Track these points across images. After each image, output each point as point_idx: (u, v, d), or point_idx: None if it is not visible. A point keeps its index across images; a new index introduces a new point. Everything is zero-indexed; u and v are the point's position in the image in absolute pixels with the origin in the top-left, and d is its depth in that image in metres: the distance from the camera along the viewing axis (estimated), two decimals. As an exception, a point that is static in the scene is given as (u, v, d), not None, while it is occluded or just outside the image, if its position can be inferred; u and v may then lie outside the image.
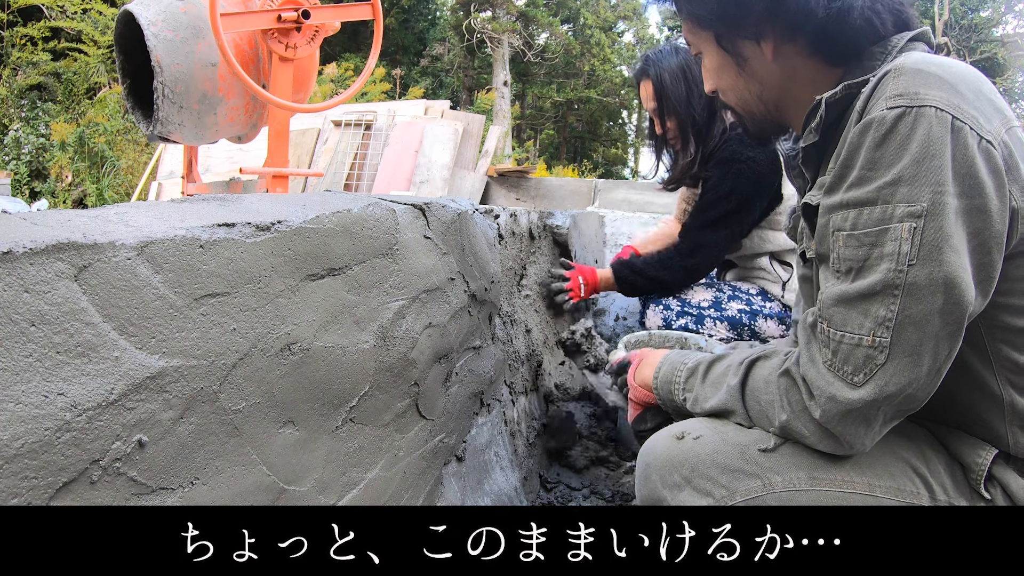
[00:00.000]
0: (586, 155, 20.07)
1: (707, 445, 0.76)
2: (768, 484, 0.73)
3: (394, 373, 0.86)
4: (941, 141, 0.58)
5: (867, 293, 0.62)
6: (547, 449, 1.44)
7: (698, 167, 1.81)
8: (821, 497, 0.72)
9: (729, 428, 0.79)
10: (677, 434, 0.80)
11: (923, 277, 0.59)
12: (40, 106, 8.71)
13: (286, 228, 0.67)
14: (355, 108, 5.70)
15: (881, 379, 0.62)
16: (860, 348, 0.63)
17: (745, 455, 0.74)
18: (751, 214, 1.78)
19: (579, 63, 18.32)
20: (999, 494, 0.71)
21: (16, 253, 0.44)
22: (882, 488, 0.72)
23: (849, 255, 0.64)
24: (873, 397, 0.63)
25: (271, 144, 2.40)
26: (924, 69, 0.61)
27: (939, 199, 0.58)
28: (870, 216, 0.62)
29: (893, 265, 0.60)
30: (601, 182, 4.71)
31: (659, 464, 0.79)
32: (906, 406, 0.65)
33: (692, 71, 1.74)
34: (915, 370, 0.61)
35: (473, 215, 1.15)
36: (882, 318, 0.61)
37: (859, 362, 0.63)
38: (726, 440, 0.77)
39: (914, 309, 0.60)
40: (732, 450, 0.75)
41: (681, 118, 1.76)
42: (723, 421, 0.81)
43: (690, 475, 0.76)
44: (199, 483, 0.58)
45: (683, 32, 0.85)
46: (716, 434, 0.78)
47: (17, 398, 0.43)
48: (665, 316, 1.83)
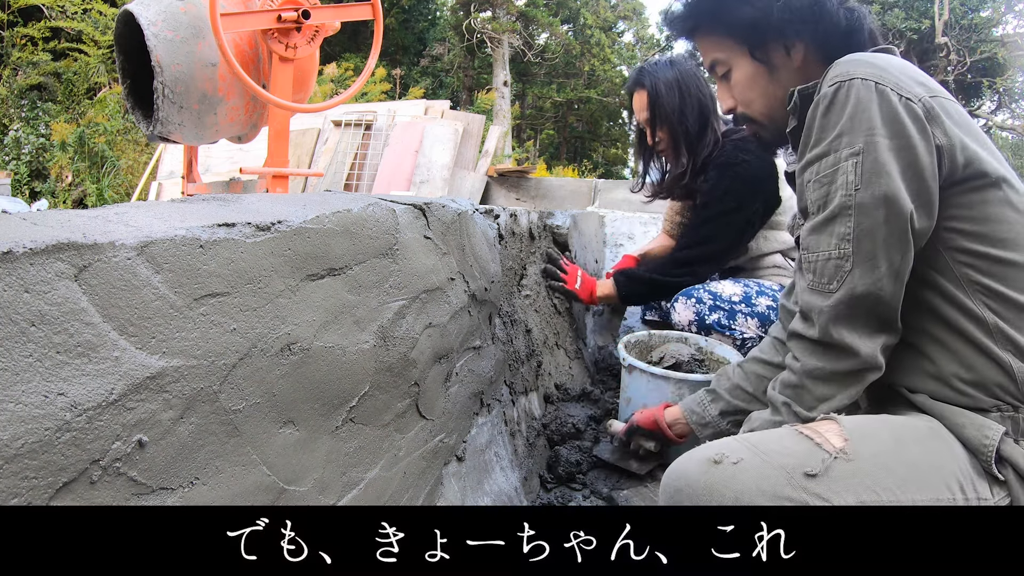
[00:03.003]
0: (586, 155, 20.07)
1: (750, 471, 0.73)
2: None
3: (394, 373, 0.86)
4: (868, 99, 0.75)
5: (829, 218, 0.78)
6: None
7: (689, 178, 1.83)
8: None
9: (769, 447, 0.76)
10: (714, 457, 0.75)
11: (867, 197, 0.75)
12: (40, 106, 8.71)
13: (286, 228, 0.67)
14: (355, 108, 5.70)
15: (850, 283, 0.77)
16: (831, 261, 0.79)
17: (792, 481, 0.72)
18: (748, 215, 1.80)
19: (579, 63, 18.32)
20: (1011, 474, 0.74)
21: (16, 253, 0.44)
22: (924, 502, 0.73)
23: (816, 197, 0.80)
24: (847, 296, 0.77)
25: (271, 144, 2.40)
26: (855, 59, 0.79)
27: (871, 139, 0.74)
28: (826, 163, 0.79)
29: (844, 191, 0.76)
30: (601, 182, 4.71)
31: (696, 492, 0.74)
32: (879, 309, 0.77)
33: (685, 83, 1.78)
34: (875, 272, 0.76)
35: (473, 215, 1.15)
36: (843, 234, 0.77)
37: (832, 272, 0.78)
38: (769, 463, 0.73)
39: (865, 223, 0.75)
40: (778, 475, 0.72)
41: (674, 128, 1.79)
42: (760, 439, 0.78)
43: (734, 505, 0.72)
44: (199, 483, 0.58)
45: (711, 55, 0.97)
46: (758, 457, 0.74)
47: (17, 398, 0.43)
48: (698, 310, 1.83)
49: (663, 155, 1.91)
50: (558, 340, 1.83)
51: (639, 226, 2.87)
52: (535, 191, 5.15)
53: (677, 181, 1.87)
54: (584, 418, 1.57)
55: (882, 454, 0.74)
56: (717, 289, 1.83)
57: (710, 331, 1.82)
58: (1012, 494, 0.75)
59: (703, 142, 1.80)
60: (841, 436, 0.75)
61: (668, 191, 1.95)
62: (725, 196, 1.76)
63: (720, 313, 1.80)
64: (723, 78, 0.97)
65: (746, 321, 1.78)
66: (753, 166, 1.75)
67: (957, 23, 13.61)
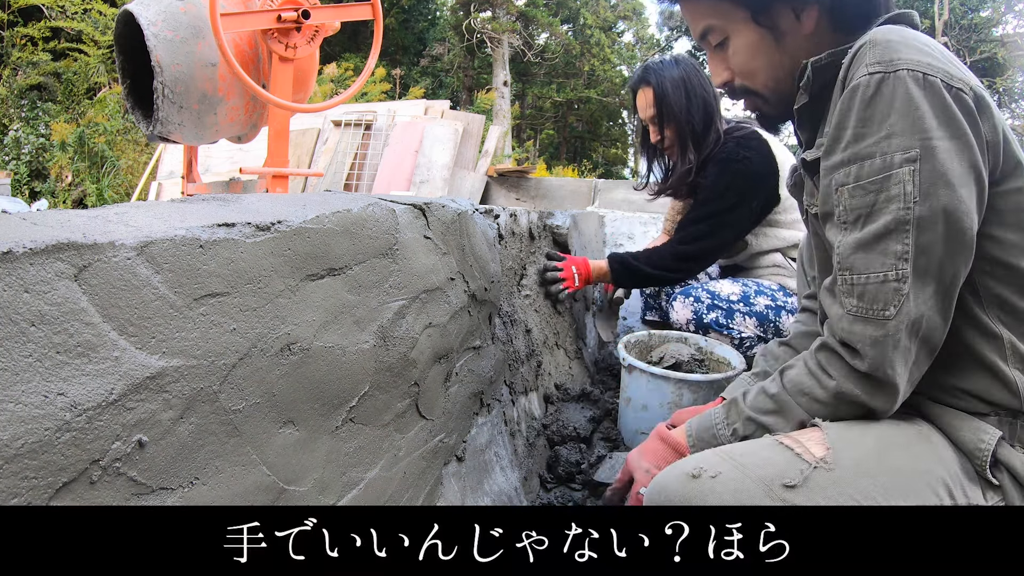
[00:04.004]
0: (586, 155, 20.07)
1: (728, 483, 0.72)
2: None
3: (394, 373, 0.86)
4: (919, 95, 0.67)
5: (882, 233, 0.69)
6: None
7: (694, 174, 1.84)
8: None
9: (748, 460, 0.74)
10: (692, 471, 0.74)
11: (927, 211, 0.66)
12: (40, 106, 8.71)
13: (286, 228, 0.67)
14: (355, 108, 5.70)
15: (907, 306, 0.68)
16: (887, 284, 0.69)
17: (771, 492, 0.70)
18: (747, 211, 1.80)
19: (579, 63, 18.32)
20: (1006, 478, 0.72)
21: (16, 253, 0.44)
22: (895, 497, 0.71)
23: (856, 204, 0.71)
24: (907, 324, 0.68)
25: (271, 144, 2.40)
26: (893, 39, 0.70)
27: (928, 143, 0.66)
28: (871, 167, 0.69)
29: (901, 204, 0.67)
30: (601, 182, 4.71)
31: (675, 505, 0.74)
32: (935, 337, 0.70)
33: (691, 82, 1.79)
34: (935, 295, 0.69)
35: (473, 215, 1.15)
36: (900, 253, 0.68)
37: (888, 296, 0.69)
38: (748, 475, 0.72)
39: (924, 240, 0.67)
40: (756, 487, 0.71)
41: (680, 125, 1.79)
42: (741, 451, 0.76)
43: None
44: (199, 483, 0.58)
45: (703, 21, 0.87)
46: (736, 470, 0.73)
47: (17, 398, 0.43)
48: (696, 309, 1.83)
49: (668, 153, 1.91)
50: (558, 340, 1.83)
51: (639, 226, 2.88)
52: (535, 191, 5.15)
53: (684, 179, 1.86)
54: (584, 419, 1.57)
55: (864, 461, 0.72)
56: (715, 288, 1.84)
57: (708, 330, 1.82)
58: (1006, 498, 0.73)
59: (707, 139, 1.81)
60: (823, 445, 0.73)
61: (674, 189, 1.95)
62: (726, 193, 1.77)
63: (718, 312, 1.80)
64: (717, 47, 0.88)
65: (744, 320, 1.79)
66: (754, 163, 1.75)
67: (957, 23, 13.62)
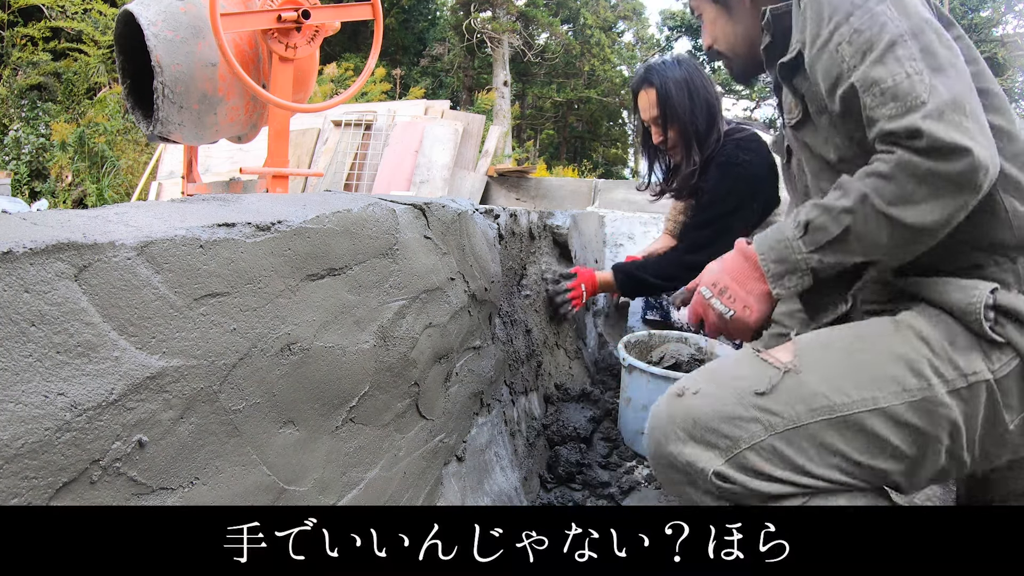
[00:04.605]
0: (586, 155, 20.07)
1: (706, 397, 0.79)
2: (769, 425, 0.75)
3: (394, 373, 0.86)
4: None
5: (888, 47, 0.74)
6: None
7: (697, 176, 1.84)
8: (827, 427, 0.73)
9: (725, 375, 0.80)
10: (677, 391, 0.82)
11: (914, 23, 0.74)
12: (40, 106, 8.70)
13: (286, 228, 0.67)
14: (355, 108, 5.70)
15: (937, 91, 0.70)
16: (911, 79, 0.72)
17: (743, 401, 0.76)
18: (748, 214, 1.81)
19: (579, 63, 18.32)
20: (1012, 329, 0.73)
21: (16, 253, 0.44)
22: (885, 396, 0.73)
23: (859, 42, 0.76)
24: (941, 100, 0.70)
25: (271, 144, 2.40)
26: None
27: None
28: (859, 16, 0.76)
29: (891, 26, 0.74)
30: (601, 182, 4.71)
31: (662, 423, 0.81)
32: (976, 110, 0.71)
33: (694, 82, 1.78)
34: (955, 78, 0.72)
35: (473, 215, 1.15)
36: (909, 55, 0.73)
37: (917, 87, 0.71)
38: (723, 387, 0.79)
39: (922, 42, 0.73)
40: (730, 397, 0.77)
41: (684, 126, 1.79)
42: (720, 368, 0.83)
43: (692, 429, 0.78)
44: (199, 483, 0.58)
45: (692, 3, 1.08)
46: (714, 385, 0.80)
47: (17, 398, 0.43)
48: None
49: (671, 154, 1.90)
50: (558, 340, 1.82)
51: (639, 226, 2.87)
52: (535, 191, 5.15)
53: (688, 180, 1.86)
54: (584, 419, 1.57)
55: (833, 361, 0.76)
56: None
57: None
58: (1018, 350, 0.72)
59: (710, 140, 1.81)
60: (790, 352, 0.78)
61: (678, 190, 1.95)
62: (727, 197, 1.76)
63: None
64: (699, 19, 1.09)
65: None
66: (754, 165, 1.76)
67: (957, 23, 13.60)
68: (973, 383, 0.73)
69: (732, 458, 0.75)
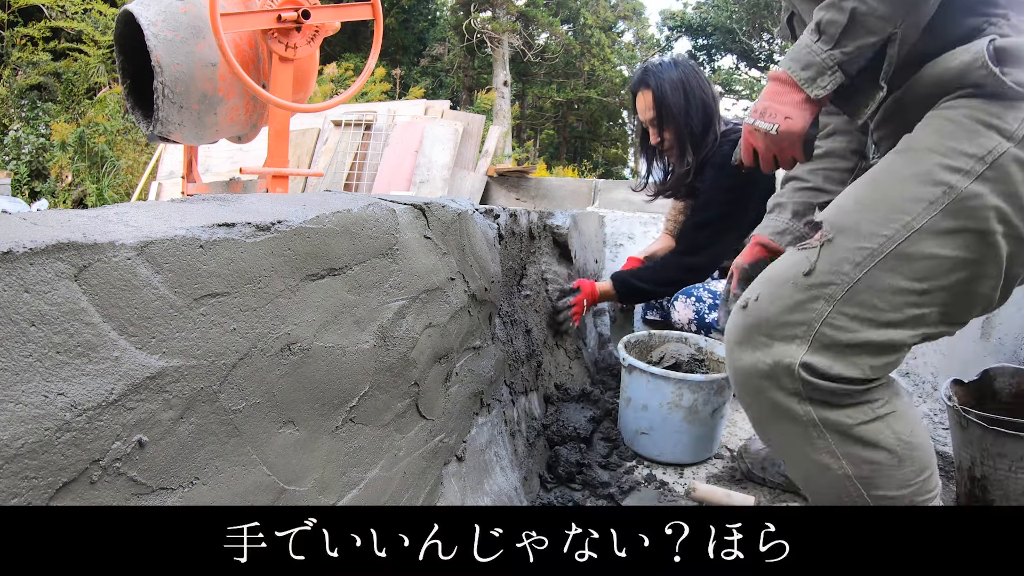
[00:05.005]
0: (586, 155, 20.06)
1: (767, 298, 0.83)
2: (830, 297, 0.78)
3: (394, 373, 0.86)
4: None
5: None
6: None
7: (693, 176, 1.84)
8: (879, 272, 0.76)
9: (775, 275, 0.84)
10: (741, 304, 0.86)
11: None
12: (40, 106, 8.70)
13: (286, 228, 0.67)
14: (355, 108, 5.70)
15: None
16: None
17: (797, 287, 0.80)
18: (746, 214, 1.81)
19: (579, 63, 18.31)
20: (1019, 71, 0.74)
21: (16, 253, 0.44)
22: (915, 216, 0.75)
23: None
24: None
25: (271, 144, 2.40)
26: None
27: None
28: None
29: None
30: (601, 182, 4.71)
31: (739, 335, 0.85)
32: None
33: (690, 84, 1.78)
34: None
35: (473, 215, 1.15)
36: None
37: None
38: (777, 285, 0.83)
39: None
40: (786, 290, 0.81)
41: (679, 128, 1.79)
42: (769, 272, 0.86)
43: (767, 329, 0.82)
44: (199, 483, 0.58)
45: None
46: (769, 286, 0.84)
47: (17, 398, 0.43)
48: (697, 309, 1.83)
49: (667, 155, 1.91)
50: (558, 340, 1.82)
51: (639, 226, 2.87)
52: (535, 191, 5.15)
53: (682, 180, 1.87)
54: (584, 419, 1.57)
55: (856, 215, 0.79)
56: (717, 288, 1.84)
57: (710, 330, 1.82)
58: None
59: (706, 141, 1.81)
60: (820, 232, 0.82)
61: (673, 191, 1.96)
62: (724, 197, 1.77)
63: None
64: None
65: None
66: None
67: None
68: (993, 160, 0.73)
69: (812, 341, 0.78)
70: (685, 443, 1.51)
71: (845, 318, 0.77)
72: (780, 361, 0.79)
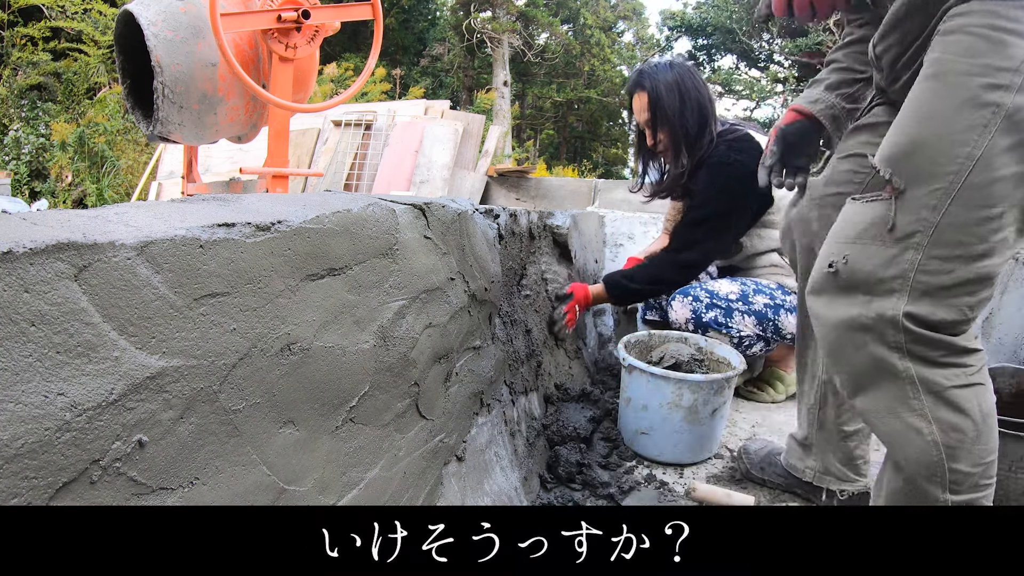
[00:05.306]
0: (586, 155, 20.06)
1: (857, 258, 0.85)
2: (918, 245, 0.80)
3: (394, 373, 0.86)
4: None
5: None
6: None
7: (687, 177, 1.84)
8: (957, 209, 0.78)
9: (855, 234, 0.86)
10: (830, 271, 0.88)
11: None
12: (40, 106, 8.70)
13: (286, 228, 0.67)
14: (355, 108, 5.70)
15: None
16: None
17: (885, 242, 0.83)
18: (741, 214, 1.81)
19: (579, 63, 18.32)
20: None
21: (16, 253, 0.44)
22: (975, 145, 0.77)
23: None
24: None
25: (271, 144, 2.40)
26: None
27: None
28: None
29: None
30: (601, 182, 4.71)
31: (834, 295, 0.87)
32: None
33: (685, 85, 1.78)
34: None
35: (473, 215, 1.15)
36: None
37: None
38: (863, 243, 0.84)
39: None
40: (874, 248, 0.83)
41: (674, 129, 1.80)
42: (843, 233, 0.88)
43: (866, 286, 0.84)
44: (199, 483, 0.58)
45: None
46: (854, 247, 0.86)
47: (17, 398, 0.43)
48: (695, 308, 1.83)
49: (663, 156, 1.92)
50: (557, 341, 1.82)
51: (639, 226, 2.87)
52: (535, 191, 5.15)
53: (676, 181, 1.88)
54: (584, 419, 1.57)
55: (916, 159, 0.80)
56: (714, 288, 1.84)
57: (707, 329, 1.82)
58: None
59: (701, 142, 1.82)
60: (889, 185, 0.83)
61: (668, 191, 1.96)
62: (719, 196, 1.77)
63: (717, 311, 1.80)
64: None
65: (743, 319, 1.79)
66: (746, 165, 1.76)
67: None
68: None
69: (910, 291, 0.80)
70: (685, 443, 1.51)
71: (937, 261, 0.79)
72: (883, 314, 0.82)
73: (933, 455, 0.83)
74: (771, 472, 1.38)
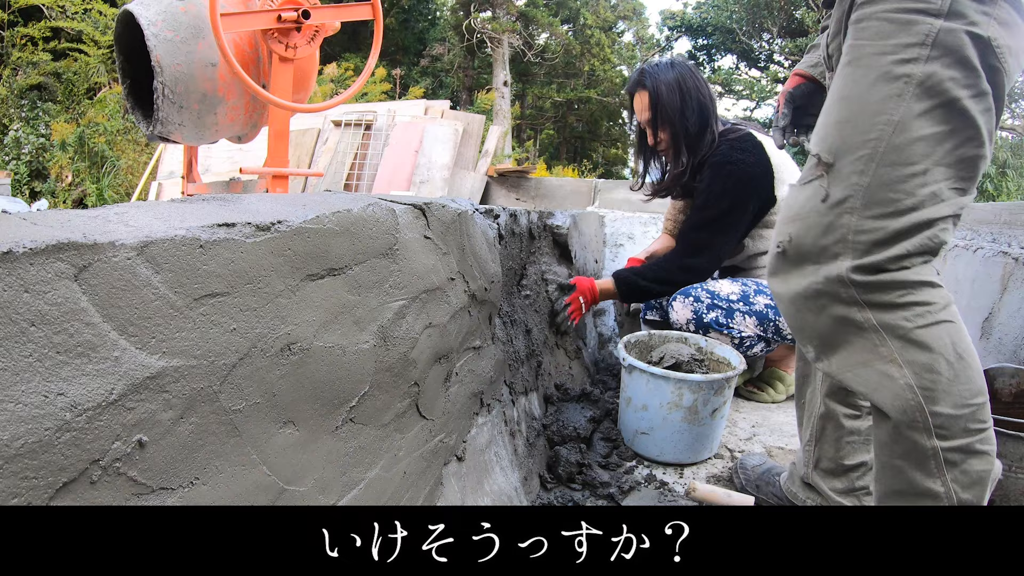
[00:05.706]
0: (586, 155, 20.06)
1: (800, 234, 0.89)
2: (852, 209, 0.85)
3: (394, 373, 0.86)
4: None
5: None
6: None
7: (688, 176, 1.84)
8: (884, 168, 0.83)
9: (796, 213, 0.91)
10: (779, 250, 0.92)
11: None
12: (40, 106, 8.70)
13: (286, 228, 0.67)
14: (355, 108, 5.70)
15: None
16: None
17: (821, 213, 0.87)
18: (744, 214, 1.81)
19: (579, 63, 18.32)
20: None
21: (16, 253, 0.44)
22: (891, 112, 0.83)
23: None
24: None
25: (271, 144, 2.40)
26: None
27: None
28: None
29: None
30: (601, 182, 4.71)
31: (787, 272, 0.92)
32: None
33: (686, 85, 1.78)
34: None
35: (473, 215, 1.15)
36: None
37: None
38: (803, 218, 0.89)
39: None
40: (812, 219, 0.88)
41: (675, 128, 1.80)
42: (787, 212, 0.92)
43: (811, 256, 0.88)
44: (199, 483, 0.58)
45: None
46: (795, 224, 0.90)
47: (17, 398, 0.43)
48: (696, 308, 1.83)
49: (663, 155, 1.92)
50: (558, 340, 1.82)
51: (639, 226, 2.87)
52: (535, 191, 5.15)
53: (677, 180, 1.88)
54: (584, 419, 1.57)
55: (841, 132, 0.86)
56: (715, 288, 1.84)
57: (708, 329, 1.82)
58: None
59: (702, 142, 1.82)
60: (819, 162, 0.89)
61: (668, 190, 1.96)
62: (722, 197, 1.77)
63: (718, 312, 1.80)
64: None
65: (744, 319, 1.79)
66: (748, 165, 1.76)
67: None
68: (933, 40, 0.80)
69: (851, 251, 0.85)
70: (685, 443, 1.51)
71: (871, 220, 0.84)
72: (831, 275, 0.86)
73: (909, 398, 0.84)
74: (767, 491, 1.36)
